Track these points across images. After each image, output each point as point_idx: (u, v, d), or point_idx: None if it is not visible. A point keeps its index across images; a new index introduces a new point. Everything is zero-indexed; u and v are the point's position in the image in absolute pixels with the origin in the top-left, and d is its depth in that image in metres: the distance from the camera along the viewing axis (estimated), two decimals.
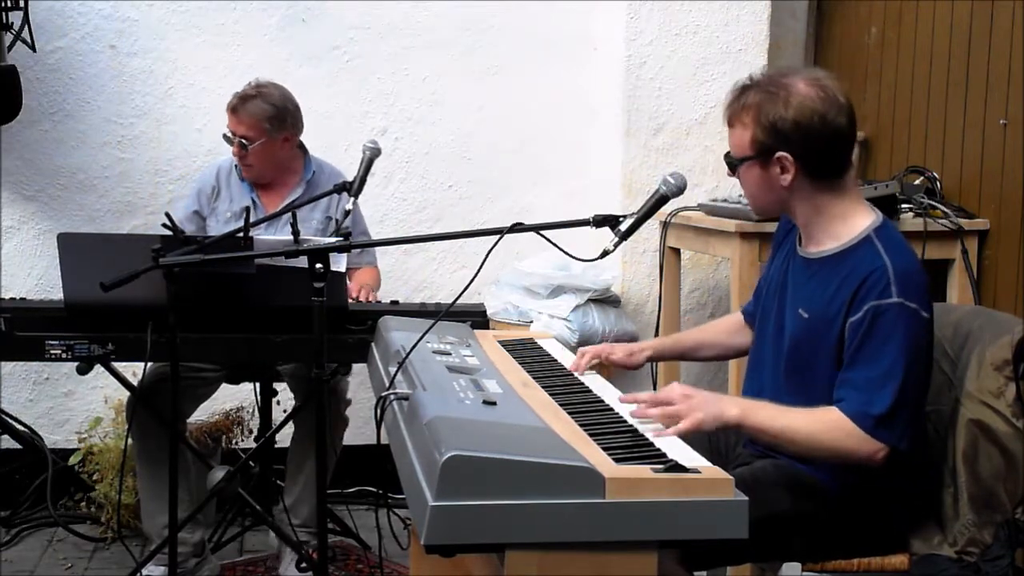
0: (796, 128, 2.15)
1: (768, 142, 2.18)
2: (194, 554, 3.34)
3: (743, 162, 2.24)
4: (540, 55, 4.31)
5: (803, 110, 2.15)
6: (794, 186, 2.20)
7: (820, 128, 2.15)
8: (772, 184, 2.22)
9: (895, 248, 2.16)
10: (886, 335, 2.09)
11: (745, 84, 2.25)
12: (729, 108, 2.26)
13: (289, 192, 3.55)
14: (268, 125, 3.43)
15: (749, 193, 2.30)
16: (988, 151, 3.56)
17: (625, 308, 4.15)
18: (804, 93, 2.16)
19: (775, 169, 2.20)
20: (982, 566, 2.24)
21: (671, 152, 4.22)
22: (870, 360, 2.10)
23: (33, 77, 3.96)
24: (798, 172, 2.19)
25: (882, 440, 2.08)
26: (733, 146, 2.26)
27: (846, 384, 2.12)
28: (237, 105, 3.43)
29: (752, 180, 2.25)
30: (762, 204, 2.31)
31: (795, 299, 2.28)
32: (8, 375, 4.07)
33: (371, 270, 3.68)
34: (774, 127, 2.16)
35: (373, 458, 3.60)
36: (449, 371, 2.15)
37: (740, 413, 2.10)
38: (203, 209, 3.56)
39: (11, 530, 3.81)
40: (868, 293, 2.11)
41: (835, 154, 2.20)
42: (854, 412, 2.09)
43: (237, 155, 3.47)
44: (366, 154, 2.99)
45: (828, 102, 2.16)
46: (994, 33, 3.52)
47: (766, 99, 2.18)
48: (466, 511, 1.60)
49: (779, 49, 4.37)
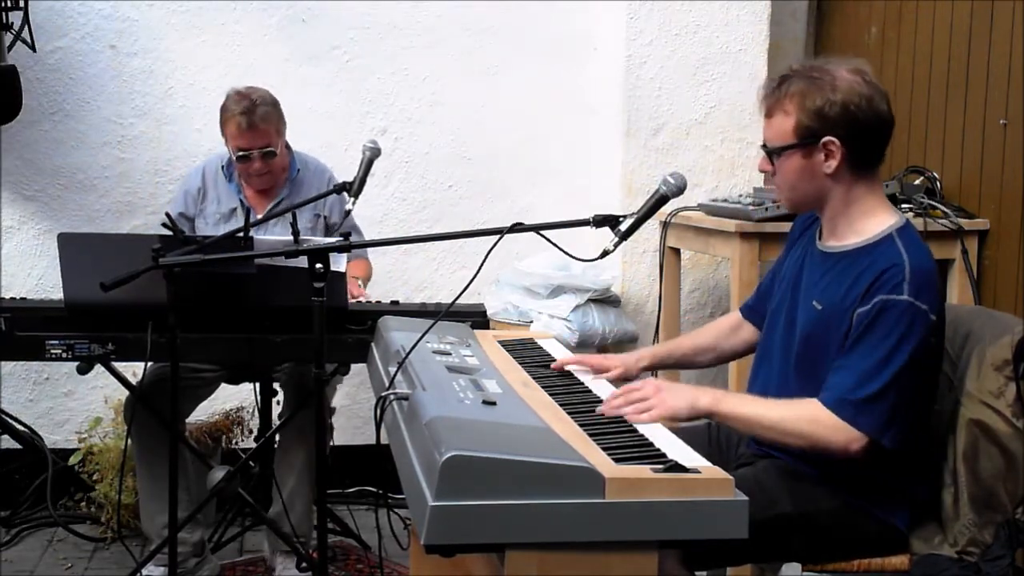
0: (844, 112, 2.16)
1: (815, 127, 2.18)
2: (194, 554, 3.34)
3: (784, 151, 2.23)
4: (540, 55, 4.31)
5: (851, 94, 2.16)
6: (837, 173, 2.21)
7: (867, 112, 2.17)
8: (814, 172, 2.22)
9: (915, 249, 2.17)
10: (888, 329, 2.09)
11: (784, 74, 2.25)
12: (769, 98, 2.25)
13: (276, 192, 3.53)
14: (278, 127, 3.41)
15: (787, 184, 2.27)
16: (988, 151, 3.56)
17: (625, 308, 4.15)
18: (849, 79, 2.17)
19: (819, 156, 2.20)
20: (982, 566, 2.24)
21: (671, 152, 4.22)
22: (866, 351, 2.10)
23: (33, 77, 3.96)
24: (843, 159, 2.19)
25: (861, 428, 2.08)
26: (773, 136, 2.25)
27: (838, 370, 2.13)
28: (251, 118, 3.31)
29: (791, 169, 2.24)
30: (799, 195, 2.28)
31: (809, 292, 2.28)
32: (8, 375, 4.06)
33: (361, 262, 3.65)
34: (821, 112, 2.17)
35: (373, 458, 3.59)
36: (449, 371, 2.15)
37: (712, 400, 2.13)
38: (189, 210, 3.53)
39: (11, 530, 3.81)
40: (881, 287, 2.11)
41: (879, 140, 2.21)
42: (835, 399, 2.09)
43: (258, 170, 3.37)
44: (366, 154, 2.98)
45: (872, 87, 2.18)
46: (994, 33, 3.52)
47: (810, 85, 2.18)
48: (466, 511, 1.60)
49: (779, 49, 4.37)
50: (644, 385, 2.14)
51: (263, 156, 3.37)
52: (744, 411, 2.15)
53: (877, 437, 2.09)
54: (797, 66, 2.25)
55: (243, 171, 3.44)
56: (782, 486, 2.21)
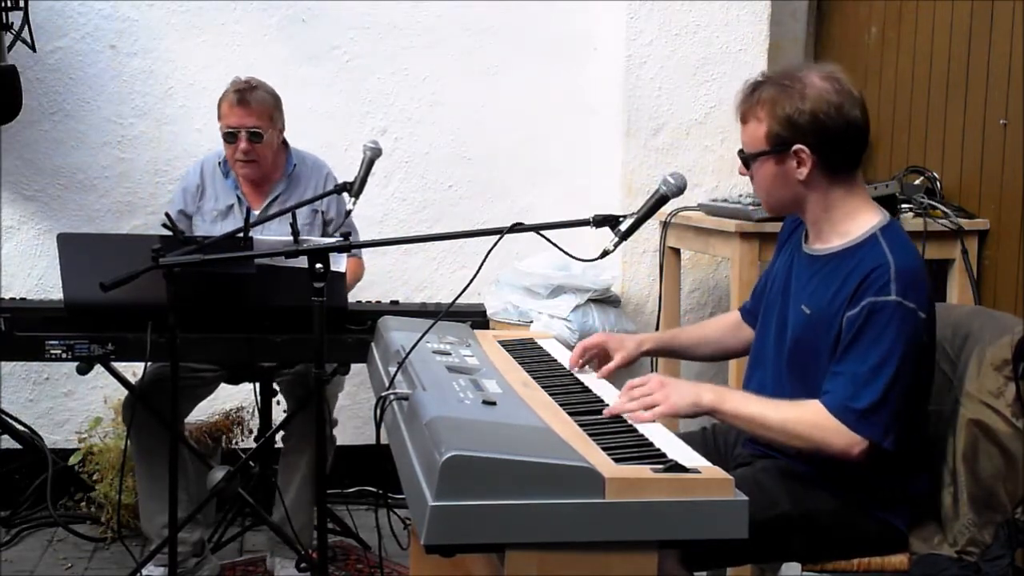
0: (813, 120, 2.16)
1: (785, 135, 2.18)
2: (194, 554, 3.34)
3: (757, 157, 2.24)
4: (540, 55, 4.31)
5: (819, 102, 2.16)
6: (810, 180, 2.21)
7: (836, 120, 2.16)
8: (787, 179, 2.22)
9: (899, 247, 2.17)
10: (879, 332, 2.09)
11: (757, 80, 2.26)
12: (742, 104, 2.26)
13: (272, 187, 3.53)
14: (272, 115, 3.42)
15: (763, 189, 2.28)
16: (988, 151, 3.56)
17: (625, 308, 4.15)
18: (819, 86, 2.17)
19: (791, 163, 2.20)
20: (982, 566, 2.24)
21: (671, 152, 4.22)
22: (860, 355, 2.10)
23: (33, 77, 3.96)
24: (815, 165, 2.19)
25: (863, 434, 2.08)
26: (746, 142, 2.26)
27: (834, 377, 2.13)
28: (244, 95, 3.37)
29: (766, 175, 2.25)
30: (775, 201, 2.30)
31: (798, 296, 2.28)
32: (8, 375, 4.06)
33: (353, 260, 3.65)
34: (790, 120, 2.17)
35: (373, 458, 3.60)
36: (449, 371, 2.15)
37: (715, 398, 2.13)
38: (188, 207, 3.54)
39: (11, 530, 3.81)
40: (867, 289, 2.11)
41: (850, 147, 2.21)
42: (837, 405, 2.09)
43: (245, 151, 3.39)
44: (367, 154, 2.98)
45: (843, 94, 2.17)
46: (994, 33, 3.52)
47: (781, 93, 2.18)
48: (466, 511, 1.60)
49: (779, 49, 4.37)
50: (648, 380, 2.15)
51: (250, 137, 3.38)
52: (747, 410, 2.14)
53: (879, 441, 2.09)
54: (770, 72, 2.27)
55: (230, 155, 3.45)
56: (781, 486, 2.21)
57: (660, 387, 2.12)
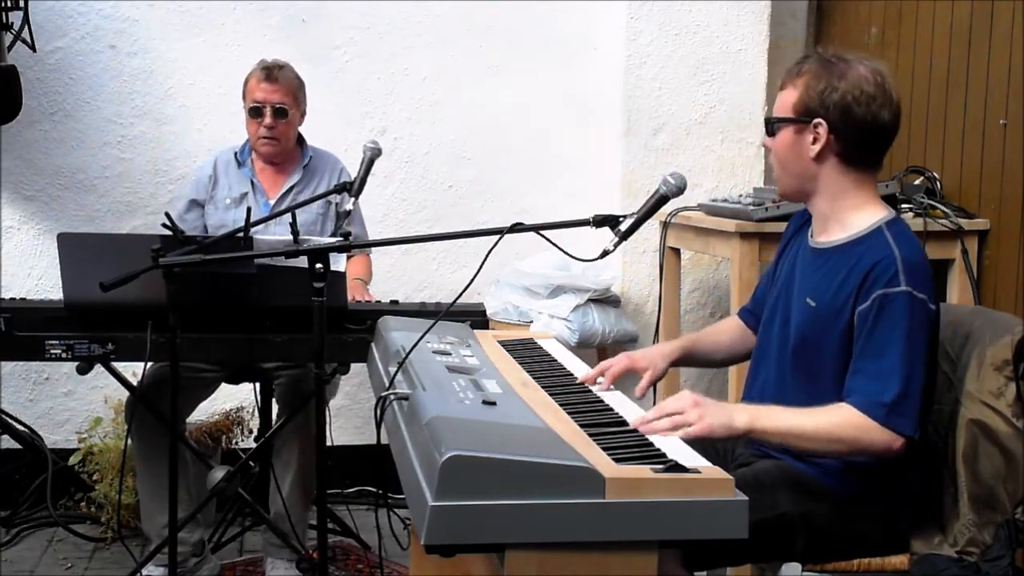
0: (842, 101, 2.17)
1: (811, 107, 2.20)
2: (194, 554, 3.33)
3: (781, 123, 2.25)
4: (540, 55, 4.31)
5: (854, 88, 2.17)
6: (821, 160, 2.21)
7: (864, 111, 2.17)
8: (801, 152, 2.23)
9: (904, 241, 2.17)
10: (893, 323, 2.09)
11: (808, 54, 2.28)
12: (788, 72, 2.28)
13: (287, 177, 3.56)
14: (297, 95, 3.49)
15: (778, 160, 2.29)
16: (988, 151, 3.56)
17: (625, 308, 4.16)
18: (861, 74, 2.19)
19: (808, 136, 2.21)
20: (982, 566, 2.24)
21: (671, 152, 4.22)
22: (879, 349, 2.10)
23: (33, 77, 3.96)
24: (828, 146, 2.20)
25: (897, 428, 2.07)
26: (777, 107, 2.28)
27: (856, 374, 2.12)
28: (272, 72, 3.43)
29: (784, 143, 2.26)
30: (788, 177, 2.29)
31: (803, 289, 2.28)
32: (8, 375, 4.06)
33: (362, 258, 3.66)
34: (821, 95, 2.18)
35: (373, 458, 3.60)
36: (449, 371, 2.15)
37: (749, 419, 2.07)
38: (200, 196, 3.57)
39: (11, 530, 3.81)
40: (876, 281, 2.11)
41: (870, 142, 2.22)
42: (866, 403, 2.08)
43: (269, 126, 3.44)
44: (367, 154, 2.98)
45: (880, 90, 2.19)
46: (994, 33, 3.53)
47: (823, 68, 2.20)
48: (466, 511, 1.60)
49: (779, 49, 4.37)
50: (680, 399, 2.07)
51: (275, 113, 3.44)
52: (781, 425, 2.10)
53: (912, 433, 2.08)
54: (822, 50, 2.28)
55: (252, 132, 3.50)
56: (782, 486, 2.21)
57: (694, 406, 2.04)
